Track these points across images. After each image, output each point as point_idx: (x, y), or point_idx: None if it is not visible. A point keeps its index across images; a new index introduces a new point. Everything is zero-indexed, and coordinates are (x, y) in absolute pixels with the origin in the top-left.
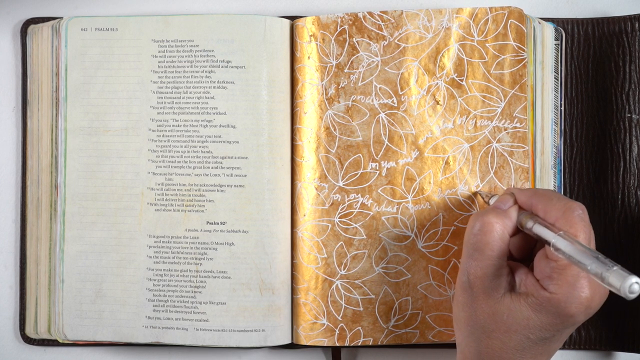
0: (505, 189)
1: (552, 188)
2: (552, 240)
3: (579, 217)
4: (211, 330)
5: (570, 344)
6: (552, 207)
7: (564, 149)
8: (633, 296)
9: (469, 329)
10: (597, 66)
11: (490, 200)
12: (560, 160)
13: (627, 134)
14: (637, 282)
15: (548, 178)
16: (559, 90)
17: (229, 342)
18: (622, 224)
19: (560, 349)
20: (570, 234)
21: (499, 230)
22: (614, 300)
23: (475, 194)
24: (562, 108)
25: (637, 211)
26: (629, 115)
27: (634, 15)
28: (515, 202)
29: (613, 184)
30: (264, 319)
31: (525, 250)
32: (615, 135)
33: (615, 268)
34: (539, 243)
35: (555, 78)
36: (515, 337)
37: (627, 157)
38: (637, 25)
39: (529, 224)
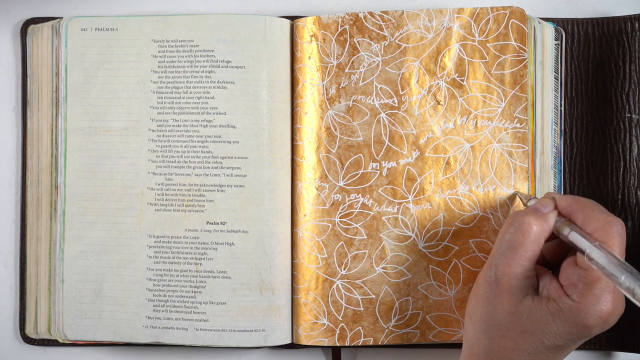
0: (546, 193)
1: (552, 188)
2: (587, 249)
3: (617, 232)
4: (211, 330)
5: None
6: (592, 218)
7: (564, 149)
8: None
9: (484, 325)
10: (597, 66)
11: (528, 203)
12: (560, 160)
13: (627, 134)
14: None
15: (548, 178)
16: (559, 90)
17: (229, 342)
18: None
19: None
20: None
21: (536, 232)
22: None
23: (514, 195)
24: (562, 108)
25: (637, 211)
26: (629, 115)
27: (634, 15)
28: (555, 207)
29: (613, 184)
30: (264, 319)
31: (555, 256)
32: (615, 135)
33: None
34: (570, 252)
35: (555, 78)
36: (529, 340)
37: (627, 157)
38: (637, 25)
39: (566, 230)
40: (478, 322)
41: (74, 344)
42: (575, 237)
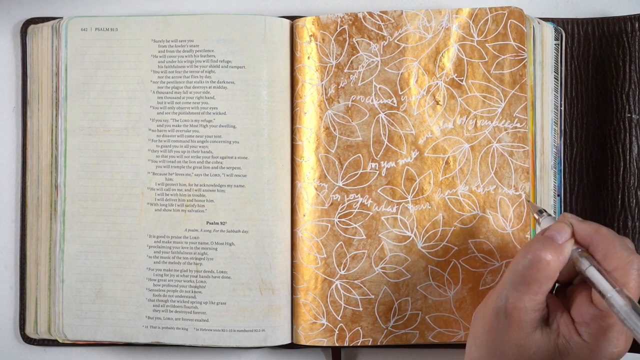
0: (563, 213)
1: (552, 188)
2: (608, 293)
3: (637, 273)
4: (211, 330)
5: None
6: (613, 255)
7: (564, 149)
8: None
9: (489, 352)
10: (597, 66)
11: (541, 220)
12: (560, 160)
13: (627, 134)
14: None
15: (548, 178)
16: (559, 90)
17: (229, 342)
18: (622, 224)
19: None
20: (628, 290)
21: (552, 268)
22: None
23: (526, 201)
24: (562, 108)
25: (637, 211)
26: (629, 115)
27: (634, 15)
28: (572, 234)
29: (613, 184)
30: (264, 319)
31: (566, 277)
32: (615, 135)
33: None
34: (580, 277)
35: (555, 78)
36: None
37: (627, 157)
38: (637, 25)
39: (584, 264)
40: (483, 348)
41: (74, 344)
42: (594, 275)
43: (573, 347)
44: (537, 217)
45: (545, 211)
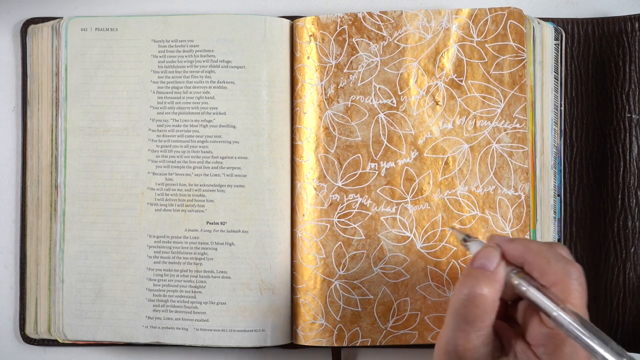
0: (491, 234)
1: (552, 188)
2: (553, 313)
3: (577, 282)
4: (211, 330)
5: None
6: (549, 270)
7: (564, 149)
8: None
9: None
10: (597, 66)
11: (469, 245)
12: (560, 160)
13: (627, 134)
14: None
15: (548, 178)
16: (558, 90)
17: (229, 342)
18: (622, 224)
19: None
20: (572, 303)
21: (490, 300)
22: (613, 300)
23: (451, 228)
24: (562, 108)
25: (637, 211)
26: (629, 115)
27: (634, 15)
28: (502, 256)
29: (613, 184)
30: (264, 319)
31: (512, 294)
32: (615, 135)
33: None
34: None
35: (555, 78)
36: None
37: (627, 157)
38: (637, 25)
39: (522, 285)
40: None
41: (74, 344)
42: (535, 296)
43: None
44: (464, 243)
45: (471, 236)
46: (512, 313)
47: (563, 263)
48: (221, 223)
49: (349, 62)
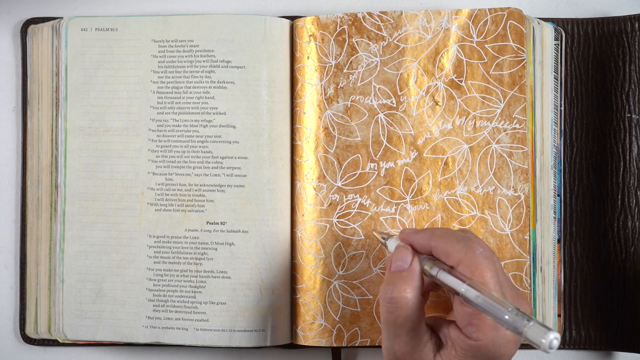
0: (401, 229)
1: (552, 188)
2: (461, 291)
3: (481, 255)
4: (211, 330)
5: (571, 344)
6: (452, 249)
7: (564, 149)
8: (552, 351)
9: None
10: (597, 66)
11: (387, 244)
12: (560, 160)
13: (627, 134)
14: (556, 338)
15: (548, 178)
16: (558, 90)
17: (229, 342)
18: (622, 224)
19: (560, 349)
20: (477, 277)
21: (412, 299)
22: (613, 300)
23: (372, 232)
24: (562, 108)
25: (637, 211)
26: (629, 115)
27: (634, 15)
28: (414, 251)
29: (613, 184)
30: (264, 319)
31: (437, 286)
32: (615, 135)
33: (532, 323)
34: None
35: (555, 78)
36: None
37: (627, 157)
38: (637, 25)
39: (433, 270)
40: None
41: (74, 344)
42: (444, 278)
43: (472, 351)
44: (382, 242)
45: (386, 236)
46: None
47: (464, 241)
48: (221, 223)
49: (349, 62)
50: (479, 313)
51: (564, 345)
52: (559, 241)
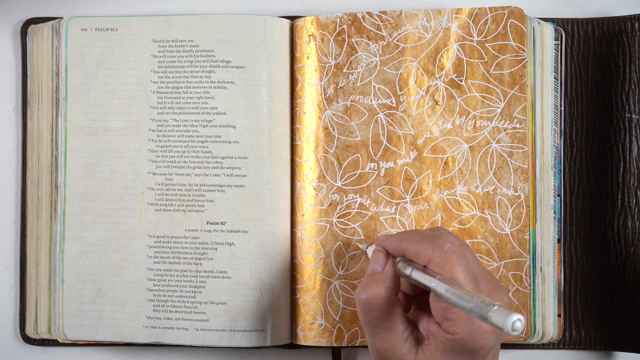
0: (378, 235)
1: (552, 188)
2: (432, 286)
3: (449, 251)
4: (211, 330)
5: (570, 344)
6: (420, 249)
7: (564, 149)
8: (516, 333)
9: None
10: (597, 66)
11: (367, 250)
12: (560, 160)
13: (627, 134)
14: (519, 319)
15: (548, 178)
16: (558, 90)
17: (229, 342)
18: (622, 224)
19: (560, 349)
20: (447, 272)
21: (384, 299)
22: (613, 300)
23: (353, 241)
24: (562, 108)
25: (637, 211)
26: (629, 115)
27: (634, 15)
28: (388, 254)
29: (613, 184)
30: (264, 319)
31: (417, 288)
32: (615, 135)
33: (495, 307)
34: None
35: (555, 78)
36: None
37: (627, 157)
38: (637, 25)
39: (407, 270)
40: None
41: (74, 344)
42: (417, 276)
43: (451, 345)
44: (363, 250)
45: (368, 242)
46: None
47: (431, 239)
48: (221, 223)
49: (349, 62)
50: (453, 307)
51: (564, 345)
52: (559, 241)
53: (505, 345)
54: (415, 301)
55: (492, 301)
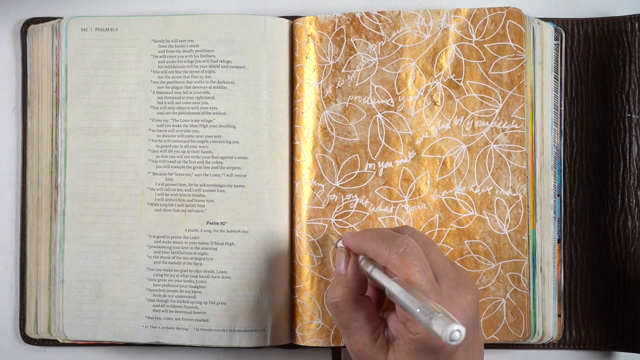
0: (341, 237)
1: (552, 188)
2: (386, 286)
3: (404, 253)
4: (211, 330)
5: (570, 344)
6: (379, 250)
7: (564, 149)
8: (454, 343)
9: None
10: (597, 66)
11: (337, 244)
12: (560, 160)
13: (627, 134)
14: (457, 330)
15: (548, 178)
16: (558, 90)
17: (229, 342)
18: (622, 224)
19: (560, 349)
20: (402, 274)
21: (350, 300)
22: (613, 300)
23: (330, 234)
24: (562, 108)
25: (637, 211)
26: (629, 115)
27: (634, 15)
28: (350, 253)
29: (613, 184)
30: (264, 319)
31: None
32: (615, 135)
33: (439, 315)
34: None
35: (555, 78)
36: None
37: (627, 157)
38: (637, 25)
39: (369, 269)
40: None
41: (74, 344)
42: (375, 276)
43: (414, 345)
44: (335, 244)
45: (339, 235)
46: None
47: (389, 241)
48: (221, 223)
49: (347, 62)
50: None
51: (564, 345)
52: (559, 241)
53: (505, 346)
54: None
55: (438, 308)
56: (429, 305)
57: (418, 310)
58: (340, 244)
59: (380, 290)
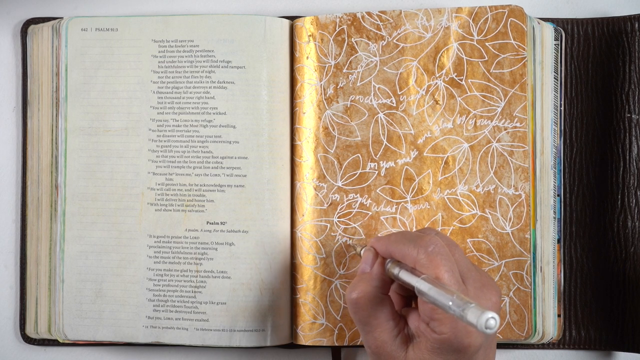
0: (371, 239)
1: (552, 188)
2: (415, 285)
3: (433, 252)
4: (211, 330)
5: (570, 344)
6: (407, 251)
7: (564, 149)
8: (490, 331)
9: None
10: (597, 66)
11: (361, 252)
12: (560, 160)
13: (627, 134)
14: (492, 317)
15: (548, 178)
16: (559, 90)
17: (229, 342)
18: (622, 224)
19: (560, 349)
20: (431, 273)
21: (372, 297)
22: (613, 300)
23: (349, 244)
24: (562, 108)
25: (637, 211)
26: (629, 115)
27: (634, 15)
28: (377, 254)
29: (613, 184)
30: (264, 319)
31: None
32: (615, 135)
33: (472, 305)
34: None
35: (555, 78)
36: None
37: (627, 157)
38: (637, 25)
39: (395, 270)
40: None
41: (74, 344)
42: (403, 276)
43: (438, 344)
44: (357, 252)
45: (359, 245)
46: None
47: (416, 241)
48: (221, 223)
49: (348, 62)
50: (438, 308)
51: (564, 345)
52: (559, 241)
53: (506, 345)
54: (407, 302)
55: (470, 300)
56: (461, 296)
57: (450, 303)
58: (364, 250)
59: (402, 295)
